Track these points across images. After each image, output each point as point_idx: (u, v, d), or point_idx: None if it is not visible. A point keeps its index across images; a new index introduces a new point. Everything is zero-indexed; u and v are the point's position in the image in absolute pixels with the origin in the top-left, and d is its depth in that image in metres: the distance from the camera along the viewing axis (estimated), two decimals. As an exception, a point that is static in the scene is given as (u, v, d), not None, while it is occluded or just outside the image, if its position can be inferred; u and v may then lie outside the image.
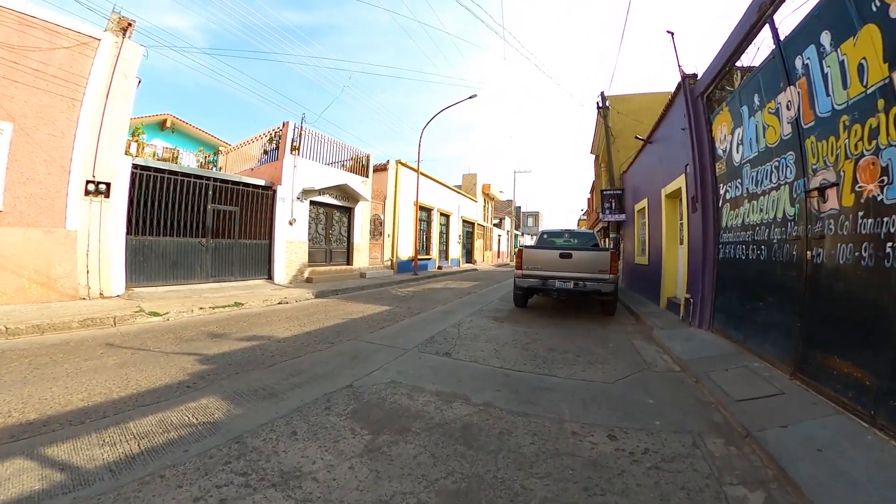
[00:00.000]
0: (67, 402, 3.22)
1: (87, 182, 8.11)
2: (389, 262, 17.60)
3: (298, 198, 13.20)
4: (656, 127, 9.96)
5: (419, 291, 12.22)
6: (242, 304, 8.41)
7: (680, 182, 7.83)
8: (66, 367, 4.11)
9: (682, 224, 8.59)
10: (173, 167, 10.78)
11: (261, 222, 12.40)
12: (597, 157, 25.15)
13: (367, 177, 16.34)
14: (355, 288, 12.33)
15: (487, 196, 35.85)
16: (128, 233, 9.02)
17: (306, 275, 13.35)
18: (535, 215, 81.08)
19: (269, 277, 12.46)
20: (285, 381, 3.92)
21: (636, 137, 11.42)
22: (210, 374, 4.05)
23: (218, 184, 11.26)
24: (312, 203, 14.00)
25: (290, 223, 12.93)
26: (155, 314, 6.84)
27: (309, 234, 13.87)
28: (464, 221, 28.22)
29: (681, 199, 8.39)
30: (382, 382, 3.96)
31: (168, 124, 20.37)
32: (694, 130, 7.02)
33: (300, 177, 13.23)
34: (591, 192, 32.11)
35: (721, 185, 6.26)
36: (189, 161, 18.05)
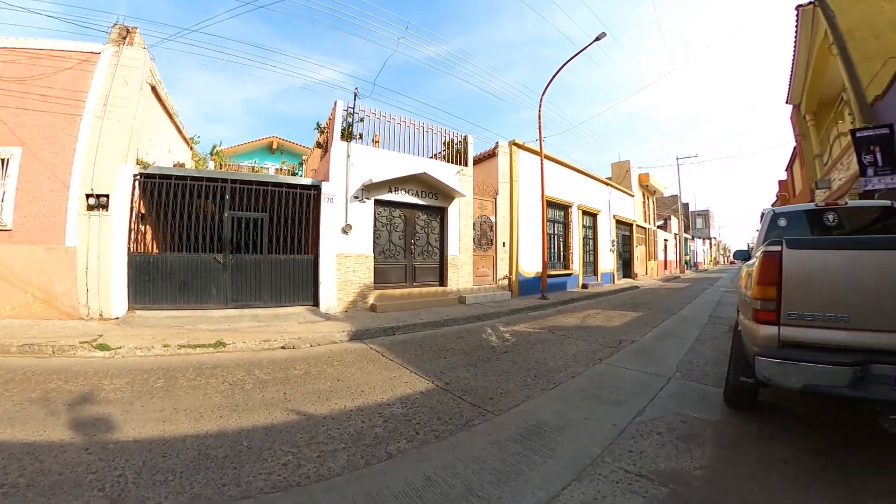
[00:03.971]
0: None
1: (87, 196, 7.64)
2: (507, 281, 12.71)
3: (356, 196, 9.42)
4: None
5: (529, 336, 7.16)
6: (225, 346, 6.12)
7: None
8: None
9: None
10: (181, 171, 8.64)
11: (302, 232, 9.19)
12: (797, 108, 16.71)
13: (464, 165, 11.86)
14: (431, 324, 8.05)
15: (646, 189, 28.25)
16: (130, 249, 8.01)
17: (371, 300, 9.44)
18: (705, 214, 67.55)
19: (315, 303, 8.99)
20: None
21: None
22: None
23: (237, 185, 8.54)
24: (381, 203, 10.10)
25: (344, 231, 9.21)
26: (104, 348, 5.77)
27: (377, 244, 10.02)
28: (617, 222, 21.72)
29: None
30: None
31: (275, 146, 20.86)
32: None
33: (358, 170, 9.58)
34: (789, 167, 22.78)
35: None
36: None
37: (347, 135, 9.71)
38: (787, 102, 17.10)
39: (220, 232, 8.34)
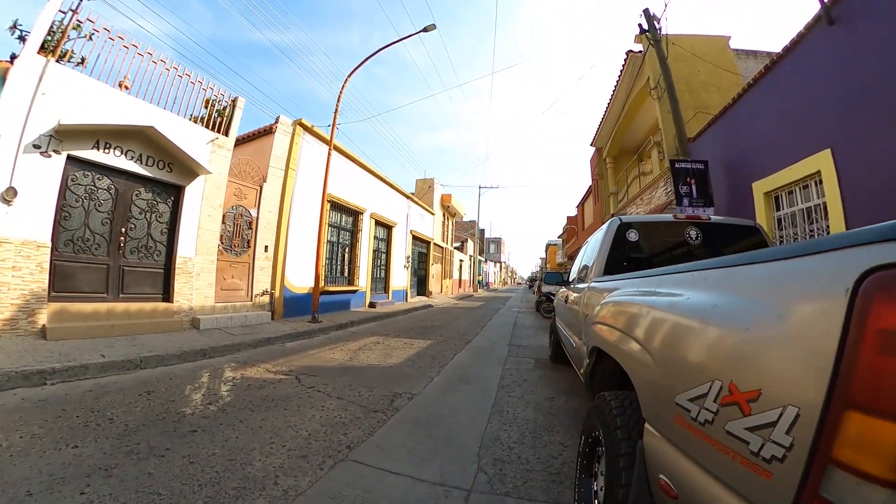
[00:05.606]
0: None
1: None
2: (268, 298, 9.70)
3: (37, 146, 5.65)
4: None
5: (259, 389, 4.42)
6: None
7: None
8: None
9: None
10: None
11: None
12: (599, 151, 18.41)
13: (224, 134, 8.63)
14: (118, 364, 4.83)
15: (447, 210, 28.37)
16: None
17: (42, 320, 5.58)
18: (498, 242, 75.08)
19: None
20: None
21: None
22: None
23: None
24: (79, 163, 6.36)
25: (5, 199, 5.28)
26: None
27: (65, 228, 6.28)
28: (415, 238, 20.61)
29: None
30: None
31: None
32: None
33: (53, 106, 5.82)
34: (581, 204, 25.43)
35: None
36: None
37: (53, 49, 5.81)
38: (591, 145, 18.61)
39: None
